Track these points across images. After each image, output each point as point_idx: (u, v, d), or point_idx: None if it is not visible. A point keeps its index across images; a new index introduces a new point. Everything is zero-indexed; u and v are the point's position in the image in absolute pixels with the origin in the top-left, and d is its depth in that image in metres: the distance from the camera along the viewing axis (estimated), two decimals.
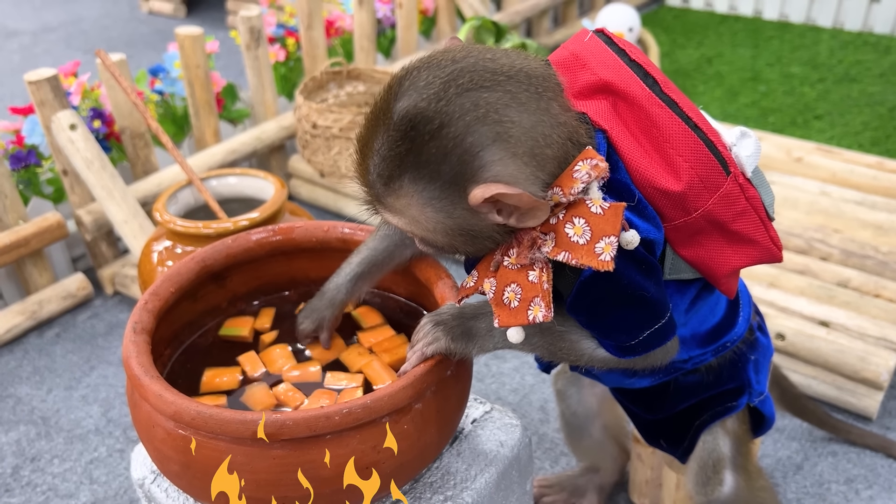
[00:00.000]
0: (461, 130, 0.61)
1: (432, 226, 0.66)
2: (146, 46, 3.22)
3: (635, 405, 0.92)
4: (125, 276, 1.71)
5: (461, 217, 0.65)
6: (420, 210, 0.65)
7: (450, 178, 0.63)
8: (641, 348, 0.71)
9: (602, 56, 0.71)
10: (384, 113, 0.64)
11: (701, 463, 0.90)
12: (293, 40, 2.20)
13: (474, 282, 0.72)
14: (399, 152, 0.63)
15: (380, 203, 0.68)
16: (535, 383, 1.46)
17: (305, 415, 0.67)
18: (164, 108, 1.94)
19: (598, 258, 0.63)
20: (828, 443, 1.30)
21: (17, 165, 1.66)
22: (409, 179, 0.63)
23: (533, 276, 0.66)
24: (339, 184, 1.93)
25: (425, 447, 0.75)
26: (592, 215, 0.64)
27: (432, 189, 0.63)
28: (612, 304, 0.68)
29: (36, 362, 1.56)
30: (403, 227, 0.68)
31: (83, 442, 1.37)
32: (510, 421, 0.93)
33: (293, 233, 0.96)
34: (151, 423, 0.73)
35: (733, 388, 0.87)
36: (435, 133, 0.61)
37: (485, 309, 0.74)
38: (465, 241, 0.68)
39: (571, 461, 1.29)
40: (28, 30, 3.48)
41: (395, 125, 0.63)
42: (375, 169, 0.65)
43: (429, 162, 0.62)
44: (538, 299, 0.66)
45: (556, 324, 0.72)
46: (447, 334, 0.73)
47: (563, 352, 0.74)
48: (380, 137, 0.64)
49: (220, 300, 0.95)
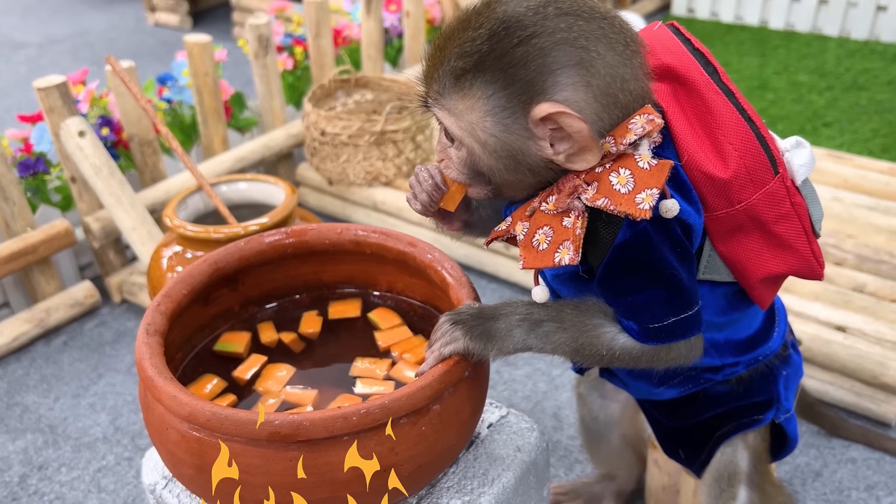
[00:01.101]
0: (548, 44, 0.62)
1: (485, 137, 0.66)
2: (152, 58, 3.23)
3: (659, 411, 0.90)
4: (133, 284, 1.70)
5: (516, 135, 0.65)
6: (481, 116, 0.65)
7: (521, 88, 0.63)
8: (665, 335, 0.70)
9: (668, 43, 0.72)
10: (479, 13, 0.64)
11: (716, 475, 0.87)
12: (301, 49, 2.20)
13: (506, 226, 0.72)
14: (483, 49, 0.63)
15: (441, 100, 0.67)
16: (547, 390, 1.44)
17: (323, 415, 0.66)
18: (173, 117, 1.94)
19: (637, 206, 0.63)
20: (846, 449, 1.28)
21: (25, 173, 1.66)
22: (482, 80, 0.63)
23: (567, 222, 0.66)
24: (348, 192, 1.93)
25: (443, 450, 0.73)
26: (639, 169, 0.65)
27: (501, 96, 0.63)
28: (643, 279, 0.68)
29: (43, 370, 1.54)
30: (455, 131, 0.67)
31: (91, 450, 1.35)
32: (527, 425, 0.91)
33: (306, 235, 0.95)
34: (165, 425, 0.72)
35: (762, 401, 0.85)
36: (524, 40, 0.62)
37: (504, 310, 0.73)
38: (506, 167, 0.67)
39: (586, 469, 1.27)
40: (34, 42, 3.49)
41: (489, 24, 0.63)
42: (451, 62, 0.65)
43: (508, 66, 0.62)
44: (568, 243, 0.65)
45: (578, 310, 0.71)
46: (466, 334, 0.72)
47: (585, 347, 0.72)
48: (468, 32, 0.64)
49: (232, 303, 0.94)
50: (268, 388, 0.84)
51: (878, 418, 1.31)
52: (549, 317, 0.72)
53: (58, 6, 3.98)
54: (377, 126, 1.81)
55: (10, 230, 1.60)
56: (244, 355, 0.88)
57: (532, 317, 0.72)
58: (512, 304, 0.73)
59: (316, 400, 0.81)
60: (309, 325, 0.92)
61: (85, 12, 3.87)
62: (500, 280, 1.76)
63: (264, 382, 0.85)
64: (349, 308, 0.94)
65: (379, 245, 0.92)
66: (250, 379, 0.85)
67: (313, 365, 0.88)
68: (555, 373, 1.48)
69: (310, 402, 0.81)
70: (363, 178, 1.89)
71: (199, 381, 0.85)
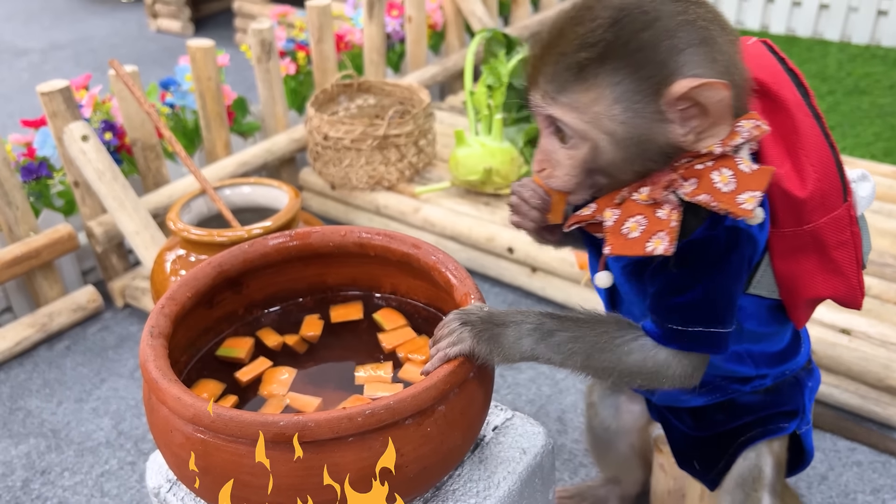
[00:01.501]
0: (672, 26, 0.63)
1: (613, 126, 0.65)
2: (154, 64, 3.24)
3: (682, 420, 0.90)
4: (135, 289, 1.69)
5: (647, 119, 0.64)
6: (608, 106, 0.64)
7: (652, 71, 0.63)
8: (687, 340, 0.70)
9: (762, 59, 0.73)
10: (589, 6, 0.64)
11: (739, 480, 0.87)
12: (303, 54, 2.20)
13: (591, 211, 0.71)
14: (606, 38, 0.63)
15: (559, 98, 0.66)
16: (551, 394, 1.44)
17: (328, 416, 0.66)
18: (175, 121, 1.94)
19: (740, 206, 0.64)
20: (852, 452, 1.27)
21: (28, 177, 1.66)
22: (609, 68, 0.63)
23: (661, 213, 0.66)
24: (350, 196, 1.93)
25: (449, 451, 0.73)
26: (740, 171, 0.65)
27: (630, 81, 0.63)
28: (696, 280, 0.68)
29: (46, 375, 1.54)
30: (578, 126, 0.66)
31: (94, 455, 1.35)
32: (532, 428, 0.91)
33: (310, 238, 0.95)
34: (169, 427, 0.71)
35: (788, 410, 0.86)
36: (649, 24, 0.62)
37: (515, 317, 0.72)
38: (627, 157, 0.67)
39: (591, 472, 1.27)
40: (37, 48, 3.50)
41: (608, 12, 0.63)
42: (569, 58, 0.64)
43: (636, 50, 0.62)
44: (663, 234, 0.66)
45: (595, 322, 0.71)
46: (473, 336, 0.71)
47: (597, 356, 0.71)
48: (584, 24, 0.64)
49: (236, 306, 0.94)
50: (272, 391, 0.83)
51: (883, 421, 1.30)
52: (562, 327, 0.71)
53: (60, 13, 4.00)
54: (380, 130, 1.82)
55: (13, 235, 1.60)
56: (246, 360, 0.88)
57: (544, 326, 0.71)
58: (524, 312, 0.73)
59: (320, 407, 0.81)
60: (310, 329, 0.92)
61: (87, 19, 3.89)
62: (504, 284, 1.76)
63: (268, 386, 0.84)
64: (351, 311, 0.94)
65: (383, 247, 0.92)
66: (253, 381, 0.85)
67: (317, 368, 0.88)
68: (559, 377, 1.48)
69: (314, 409, 0.81)
70: (366, 183, 1.89)
71: (199, 384, 0.84)
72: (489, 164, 1.74)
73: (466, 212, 1.78)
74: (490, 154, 1.76)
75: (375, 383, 0.83)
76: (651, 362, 0.71)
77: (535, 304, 1.69)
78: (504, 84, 1.82)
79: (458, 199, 1.83)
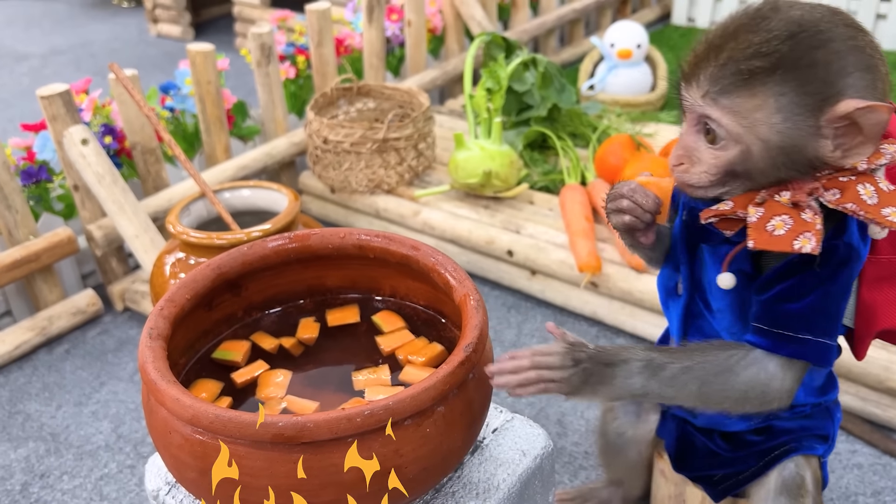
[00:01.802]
0: (843, 49, 0.66)
1: (769, 134, 0.68)
2: (155, 68, 3.25)
3: (713, 441, 0.92)
4: (135, 292, 1.69)
5: (802, 132, 0.67)
6: (769, 114, 0.67)
7: (817, 88, 0.66)
8: (796, 346, 0.72)
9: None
10: (765, 16, 0.67)
11: (783, 488, 0.87)
12: (303, 58, 2.21)
13: (729, 207, 0.72)
14: (781, 51, 0.66)
15: (720, 99, 0.68)
16: (551, 397, 1.43)
17: (326, 417, 0.66)
18: (175, 125, 1.94)
19: (886, 217, 0.66)
20: (853, 455, 1.27)
21: (28, 181, 1.66)
22: (777, 79, 0.66)
23: (806, 216, 0.69)
24: (350, 199, 1.93)
25: (448, 452, 0.73)
26: (880, 189, 0.68)
27: (795, 95, 0.66)
28: (812, 289, 0.71)
29: (45, 378, 1.54)
30: (734, 128, 0.68)
31: (93, 458, 1.35)
32: (532, 430, 0.91)
33: (309, 240, 0.95)
34: (168, 428, 0.71)
35: (821, 434, 0.89)
36: (823, 43, 0.66)
37: (623, 354, 0.72)
38: (774, 164, 0.69)
39: (590, 475, 1.26)
40: (37, 53, 3.51)
41: (785, 26, 0.66)
42: (739, 63, 0.67)
43: (807, 67, 0.65)
44: (810, 234, 0.68)
45: (704, 348, 0.74)
46: (582, 378, 0.70)
47: (713, 383, 0.73)
48: (760, 33, 0.67)
49: (235, 309, 0.94)
50: (269, 394, 0.83)
51: (884, 423, 1.30)
52: (672, 359, 0.73)
53: (61, 18, 4.01)
54: (379, 134, 1.82)
55: (12, 238, 1.60)
56: (242, 364, 0.87)
57: (654, 362, 0.72)
58: (629, 349, 0.73)
59: (318, 411, 0.81)
60: (306, 331, 0.92)
61: (88, 24, 3.90)
62: (503, 287, 1.76)
63: (265, 389, 0.84)
64: (347, 314, 0.94)
65: (382, 249, 0.92)
66: (250, 385, 0.85)
67: (316, 371, 0.88)
68: None
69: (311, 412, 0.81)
70: (365, 186, 1.89)
71: (197, 384, 0.84)
72: (489, 167, 1.74)
73: (466, 215, 1.79)
74: (489, 157, 1.76)
75: (376, 386, 0.83)
76: (763, 374, 0.73)
77: (535, 307, 1.69)
78: (503, 87, 1.82)
79: (457, 203, 1.83)
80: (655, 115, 2.32)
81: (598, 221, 1.73)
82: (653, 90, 2.54)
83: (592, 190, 1.77)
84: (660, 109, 2.51)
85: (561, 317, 1.66)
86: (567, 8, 3.00)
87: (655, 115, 2.32)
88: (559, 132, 2.03)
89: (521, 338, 1.60)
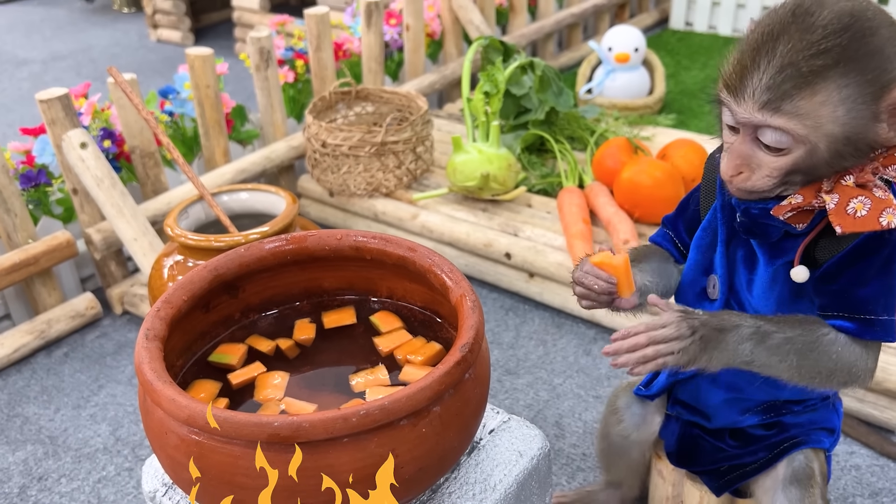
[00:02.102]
0: (889, 34, 0.67)
1: (833, 128, 0.68)
2: (155, 73, 3.26)
3: (722, 440, 0.93)
4: (134, 296, 1.70)
5: (863, 119, 0.68)
6: (832, 109, 0.67)
7: (876, 75, 0.67)
8: (880, 329, 0.74)
9: None
10: (810, 12, 0.67)
11: (793, 478, 0.88)
12: (302, 62, 2.21)
13: (800, 200, 0.73)
14: (840, 44, 0.66)
15: (782, 106, 0.68)
16: (549, 399, 1.43)
17: (323, 417, 0.66)
18: (174, 129, 1.95)
19: None
20: (850, 456, 1.27)
21: (27, 185, 1.66)
22: (838, 72, 0.66)
23: (880, 194, 0.70)
24: (348, 203, 1.93)
25: (444, 452, 0.73)
26: None
27: (857, 84, 0.67)
28: (879, 271, 0.73)
29: (44, 382, 1.54)
30: (800, 131, 0.68)
31: (91, 461, 1.35)
32: (528, 431, 0.91)
33: (306, 241, 0.95)
34: (164, 429, 0.71)
35: (828, 427, 0.90)
36: (874, 30, 0.67)
37: (732, 320, 0.73)
38: (838, 155, 0.70)
39: (588, 477, 1.26)
40: (38, 59, 3.52)
41: (836, 18, 0.66)
42: (800, 65, 0.66)
43: (865, 56, 0.66)
44: (891, 210, 0.69)
45: (797, 319, 0.75)
46: (700, 345, 0.72)
47: (812, 355, 0.74)
48: (814, 31, 0.66)
49: (232, 311, 0.94)
50: (266, 396, 0.83)
51: (881, 424, 1.30)
52: (776, 328, 0.74)
53: (61, 24, 4.02)
54: (378, 137, 1.82)
55: (11, 242, 1.60)
56: (238, 367, 0.87)
57: (761, 329, 0.73)
58: (736, 315, 0.74)
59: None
60: (303, 332, 0.92)
61: (88, 29, 3.91)
62: (501, 289, 1.76)
63: (263, 391, 0.84)
64: (344, 316, 0.94)
65: (379, 250, 0.92)
66: (248, 386, 0.85)
67: (313, 373, 0.88)
68: (556, 381, 1.48)
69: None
70: (364, 189, 1.90)
71: (195, 385, 0.84)
72: (486, 170, 1.75)
73: (464, 218, 1.79)
74: (487, 160, 1.77)
75: (376, 387, 0.83)
76: (852, 357, 0.75)
77: (533, 309, 1.69)
78: (501, 91, 1.83)
79: (455, 206, 1.83)
80: (653, 118, 2.32)
81: (595, 224, 1.73)
82: (650, 93, 2.54)
83: (590, 192, 1.78)
84: (657, 113, 2.52)
85: (559, 319, 1.66)
86: (565, 13, 3.01)
87: (653, 118, 2.32)
88: (557, 135, 2.03)
89: (519, 339, 1.60)
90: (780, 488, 0.88)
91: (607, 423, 1.07)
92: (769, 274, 0.80)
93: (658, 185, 1.65)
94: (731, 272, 0.84)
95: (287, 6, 3.61)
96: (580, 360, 1.53)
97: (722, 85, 0.72)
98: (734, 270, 0.84)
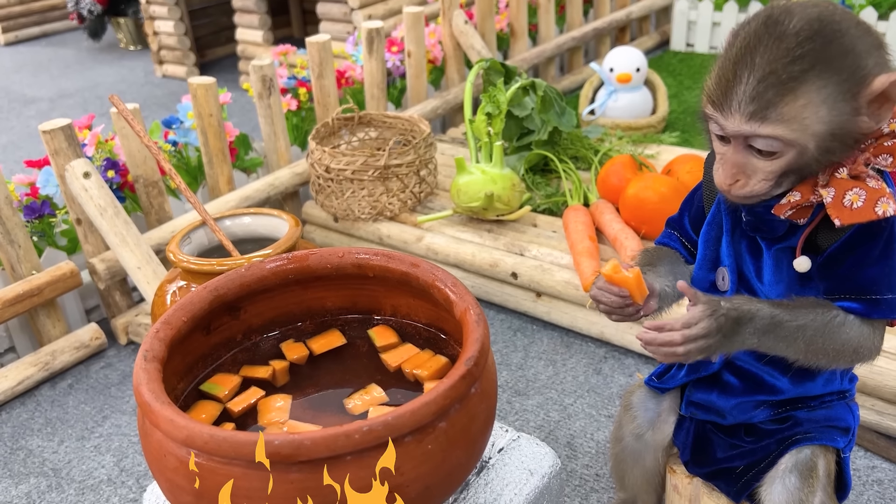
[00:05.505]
0: (858, 34, 0.71)
1: (818, 128, 0.71)
2: (160, 107, 3.29)
3: (737, 437, 0.92)
4: (139, 325, 1.68)
5: (845, 115, 0.71)
6: (815, 109, 0.70)
7: (850, 73, 0.70)
8: (884, 308, 0.76)
9: None
10: (779, 21, 0.71)
11: (793, 468, 0.87)
12: (305, 90, 2.23)
13: (798, 197, 0.76)
14: (815, 48, 0.69)
15: (768, 115, 0.70)
16: (560, 419, 1.40)
17: (324, 434, 0.64)
18: (178, 159, 1.95)
19: None
20: (872, 471, 1.23)
21: (31, 216, 1.66)
22: (815, 75, 0.69)
23: (872, 183, 0.73)
24: (353, 227, 1.92)
25: (451, 470, 0.71)
26: None
27: (834, 84, 0.70)
28: (880, 253, 0.75)
29: (48, 414, 1.52)
30: (788, 136, 0.71)
31: (95, 492, 1.32)
32: (539, 449, 0.88)
33: (308, 260, 0.94)
34: (163, 451, 0.70)
35: (841, 426, 0.90)
36: (843, 32, 0.70)
37: (749, 306, 0.76)
38: (826, 151, 0.73)
39: (602, 498, 1.23)
40: (45, 97, 3.56)
41: (805, 25, 0.70)
42: (780, 73, 0.69)
43: (836, 57, 0.69)
44: (885, 199, 0.72)
45: (806, 303, 0.77)
46: (722, 339, 0.74)
47: (819, 337, 0.76)
48: (787, 38, 0.70)
49: (234, 332, 0.93)
50: (271, 419, 0.82)
51: None
52: (791, 316, 0.76)
53: (69, 62, 4.08)
54: (381, 161, 1.82)
55: (15, 273, 1.59)
56: (226, 400, 0.84)
57: (776, 318, 0.76)
58: (753, 302, 0.76)
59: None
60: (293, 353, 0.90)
61: (95, 67, 3.96)
62: (509, 310, 1.74)
63: (266, 415, 0.82)
64: (332, 339, 0.92)
65: (381, 267, 0.91)
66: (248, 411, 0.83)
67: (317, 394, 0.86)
68: (567, 401, 1.45)
69: None
70: (368, 213, 1.89)
71: (196, 406, 0.83)
72: (490, 190, 1.74)
73: (469, 239, 1.78)
74: (491, 180, 1.76)
75: (376, 406, 0.81)
76: (859, 336, 0.77)
77: (541, 329, 1.67)
78: (503, 111, 1.82)
79: (460, 227, 1.82)
80: (657, 137, 2.32)
81: (601, 241, 1.71)
82: (653, 113, 2.54)
83: (596, 210, 1.76)
84: (661, 132, 2.51)
85: (568, 338, 1.63)
86: (566, 36, 3.02)
87: (657, 137, 2.32)
88: (560, 155, 2.03)
89: (528, 360, 1.57)
90: (779, 475, 0.88)
91: (621, 422, 1.06)
92: (772, 258, 0.82)
93: (664, 201, 1.64)
94: (738, 262, 0.86)
95: (290, 38, 3.65)
96: (591, 380, 1.50)
97: (707, 100, 0.75)
98: (741, 260, 0.85)
